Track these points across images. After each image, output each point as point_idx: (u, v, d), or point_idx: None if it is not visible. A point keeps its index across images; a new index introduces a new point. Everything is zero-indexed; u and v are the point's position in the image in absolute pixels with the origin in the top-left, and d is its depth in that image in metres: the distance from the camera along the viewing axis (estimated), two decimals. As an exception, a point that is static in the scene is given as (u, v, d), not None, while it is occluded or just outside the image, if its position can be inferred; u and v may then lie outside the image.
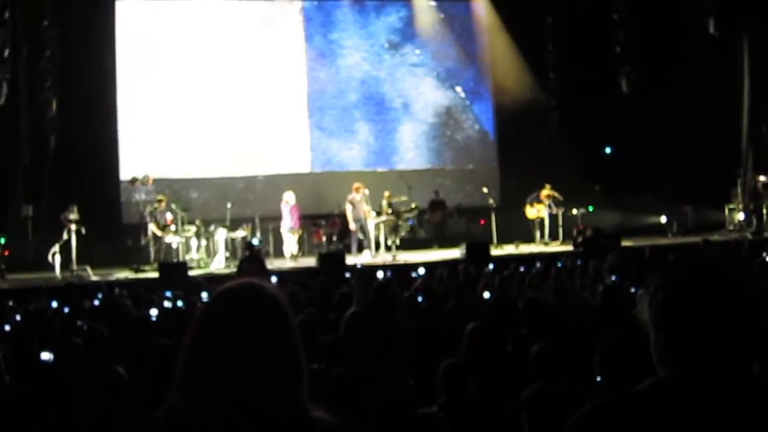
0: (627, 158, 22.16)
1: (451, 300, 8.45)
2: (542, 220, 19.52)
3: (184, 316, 8.35)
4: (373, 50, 23.03)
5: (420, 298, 8.84)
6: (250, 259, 14.85)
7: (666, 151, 20.92)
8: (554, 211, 19.42)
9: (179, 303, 8.97)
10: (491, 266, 13.46)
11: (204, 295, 9.78)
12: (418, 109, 23.19)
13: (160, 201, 17.57)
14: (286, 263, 17.25)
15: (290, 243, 17.96)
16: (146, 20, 21.13)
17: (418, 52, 23.33)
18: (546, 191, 19.56)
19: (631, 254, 14.12)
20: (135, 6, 21.22)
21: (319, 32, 22.59)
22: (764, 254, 12.39)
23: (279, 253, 18.19)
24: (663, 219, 20.79)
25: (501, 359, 5.80)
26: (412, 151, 23.09)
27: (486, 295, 9.17)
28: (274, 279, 12.21)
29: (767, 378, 1.70)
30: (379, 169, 22.33)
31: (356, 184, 18.34)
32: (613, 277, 10.05)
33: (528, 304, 6.79)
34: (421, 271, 12.79)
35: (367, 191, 18.15)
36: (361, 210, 18.05)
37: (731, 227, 20.42)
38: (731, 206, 20.82)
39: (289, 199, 18.11)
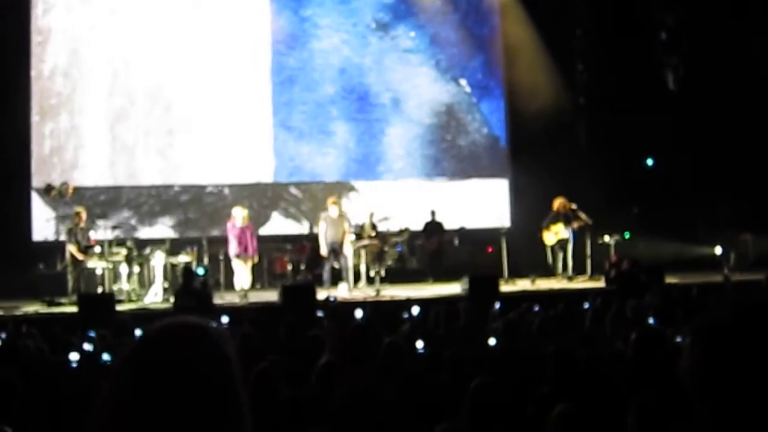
0: (673, 173, 22.26)
1: (449, 348, 8.44)
2: (565, 248, 19.45)
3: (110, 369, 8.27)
4: (356, 31, 23.11)
5: (411, 345, 8.83)
6: (188, 291, 14.74)
7: (722, 164, 21.03)
8: (577, 225, 19.20)
9: (105, 355, 8.87)
10: (499, 306, 13.47)
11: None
12: (411, 107, 23.26)
13: (78, 214, 17.37)
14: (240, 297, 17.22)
15: (241, 274, 17.72)
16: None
17: (412, 34, 23.43)
18: (559, 200, 19.37)
19: (676, 293, 14.16)
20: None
21: (288, 6, 22.64)
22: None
23: (232, 284, 18.14)
24: (717, 250, 20.88)
25: (512, 423, 5.80)
26: (402, 159, 23.12)
27: (491, 341, 9.18)
28: (225, 319, 12.16)
29: None
30: (361, 182, 22.34)
31: (332, 198, 18.46)
32: (651, 321, 10.09)
33: (557, 355, 6.81)
34: (415, 310, 12.75)
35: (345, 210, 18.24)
36: (339, 231, 18.05)
37: (803, 262, 20.54)
38: (804, 236, 20.95)
39: (236, 217, 17.77)
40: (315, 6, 22.78)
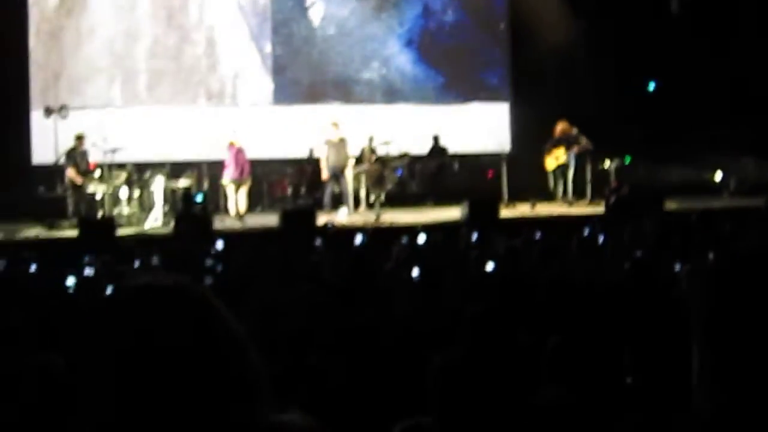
0: (675, 96, 22.09)
1: (449, 275, 8.46)
2: (565, 173, 19.37)
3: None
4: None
5: (408, 271, 8.83)
6: (188, 217, 14.79)
7: (724, 88, 20.93)
8: (579, 150, 19.14)
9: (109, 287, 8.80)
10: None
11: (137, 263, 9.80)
12: (410, 31, 23.09)
13: (78, 138, 17.45)
14: (238, 222, 17.26)
15: (235, 198, 17.89)
16: None
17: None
18: (562, 125, 19.34)
19: (675, 220, 14.18)
20: None
21: None
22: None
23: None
24: (718, 175, 20.84)
25: (510, 353, 5.83)
26: (401, 83, 22.97)
27: (489, 267, 9.21)
28: (220, 244, 12.13)
29: None
30: (362, 105, 22.20)
31: (333, 121, 18.38)
32: (641, 252, 10.07)
33: (553, 286, 6.83)
34: (421, 239, 12.48)
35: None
36: (341, 155, 18.08)
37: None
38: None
39: (233, 140, 18.03)
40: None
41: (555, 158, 19.29)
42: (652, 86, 23.33)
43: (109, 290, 8.35)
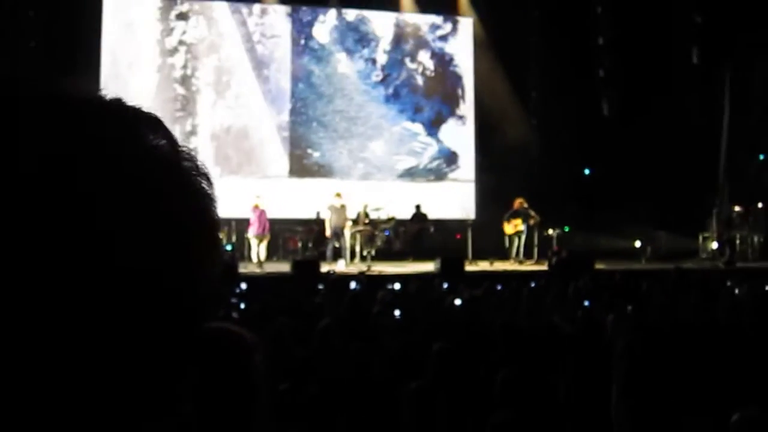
0: (605, 181, 22.34)
1: (424, 317, 8.49)
2: (519, 237, 19.46)
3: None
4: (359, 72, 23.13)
5: (391, 312, 8.85)
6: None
7: (644, 176, 21.11)
8: (531, 222, 19.29)
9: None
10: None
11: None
12: (400, 123, 23.34)
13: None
14: (258, 269, 17.28)
15: (257, 250, 17.96)
16: None
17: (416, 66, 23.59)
18: (519, 200, 19.47)
19: (603, 278, 14.19)
20: None
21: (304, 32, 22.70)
22: (728, 283, 12.62)
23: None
24: (637, 243, 20.94)
25: (470, 383, 5.83)
26: (393, 163, 23.13)
27: (457, 302, 9.25)
28: (243, 285, 12.18)
29: None
30: (359, 181, 22.35)
31: (337, 191, 18.49)
32: (586, 302, 10.10)
33: (504, 327, 6.85)
34: (397, 285, 12.66)
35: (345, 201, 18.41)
36: (341, 218, 18.23)
37: (704, 255, 20.62)
38: (705, 234, 21.02)
39: (258, 203, 18.15)
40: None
41: (514, 226, 19.39)
42: (587, 171, 23.54)
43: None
